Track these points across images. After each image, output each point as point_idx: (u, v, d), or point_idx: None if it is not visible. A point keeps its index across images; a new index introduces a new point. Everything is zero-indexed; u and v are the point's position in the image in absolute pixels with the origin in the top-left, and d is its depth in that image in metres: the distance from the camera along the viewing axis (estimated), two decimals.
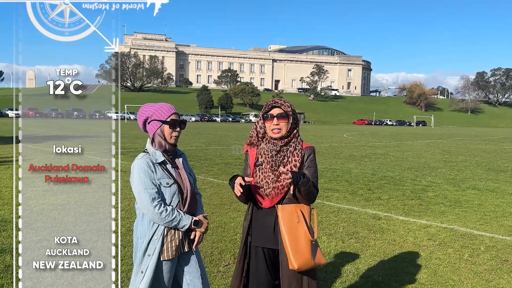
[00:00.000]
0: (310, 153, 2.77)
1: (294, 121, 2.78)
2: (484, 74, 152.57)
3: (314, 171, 2.76)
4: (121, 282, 4.13)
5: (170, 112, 2.72)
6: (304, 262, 2.62)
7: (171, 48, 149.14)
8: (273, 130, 2.74)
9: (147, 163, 2.68)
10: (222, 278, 4.41)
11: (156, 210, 2.60)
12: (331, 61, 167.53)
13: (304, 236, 2.65)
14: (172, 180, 2.70)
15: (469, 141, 33.99)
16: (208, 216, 2.89)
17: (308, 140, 21.66)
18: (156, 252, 2.66)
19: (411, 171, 13.17)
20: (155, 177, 2.67)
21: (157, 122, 2.72)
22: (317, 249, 2.73)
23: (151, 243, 2.69)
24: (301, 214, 2.69)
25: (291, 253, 2.61)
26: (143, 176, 2.65)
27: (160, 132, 2.72)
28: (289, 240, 2.62)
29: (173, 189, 2.70)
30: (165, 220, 2.62)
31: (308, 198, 2.70)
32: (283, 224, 2.65)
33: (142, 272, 2.68)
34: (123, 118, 70.15)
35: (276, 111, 2.74)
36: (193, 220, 2.71)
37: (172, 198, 2.70)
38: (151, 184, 2.64)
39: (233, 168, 12.76)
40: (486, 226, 6.76)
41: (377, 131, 53.05)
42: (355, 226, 6.55)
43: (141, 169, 2.67)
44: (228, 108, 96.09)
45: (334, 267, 4.85)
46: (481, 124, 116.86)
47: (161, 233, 2.68)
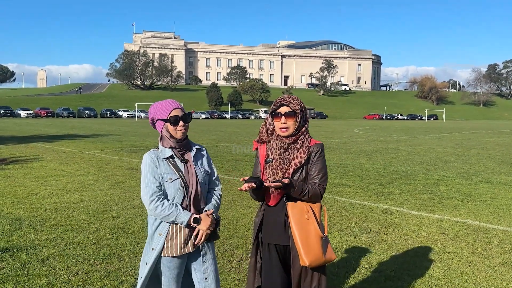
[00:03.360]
0: (318, 150, 2.75)
1: (302, 119, 2.77)
2: (496, 66, 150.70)
3: (320, 168, 2.74)
4: (135, 279, 4.17)
5: (170, 109, 2.74)
6: (315, 258, 2.63)
7: (180, 46, 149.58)
8: (281, 129, 2.74)
9: (151, 158, 2.73)
10: (234, 273, 4.44)
11: (152, 205, 2.65)
12: (341, 55, 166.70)
13: (314, 233, 2.66)
14: (177, 175, 2.72)
15: (482, 134, 33.63)
16: (217, 214, 2.85)
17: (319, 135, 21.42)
18: (158, 247, 2.70)
19: (423, 165, 13.08)
20: (158, 172, 2.70)
21: (161, 121, 2.77)
22: (328, 245, 2.74)
23: (154, 238, 2.74)
24: (311, 210, 2.69)
25: (302, 249, 2.61)
26: (146, 170, 2.71)
27: (166, 131, 2.76)
28: (300, 236, 2.63)
29: (177, 184, 2.71)
30: (160, 215, 2.66)
31: (310, 201, 2.71)
32: (293, 221, 2.66)
33: (146, 264, 2.74)
34: (134, 116, 70.55)
35: (284, 109, 2.73)
36: (193, 218, 2.69)
37: (176, 193, 2.72)
38: (153, 179, 2.68)
39: (244, 165, 12.78)
40: (500, 220, 6.71)
41: (388, 126, 52.71)
42: (367, 221, 6.54)
43: (145, 164, 2.73)
44: (237, 105, 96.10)
45: (346, 262, 4.85)
46: (494, 117, 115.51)
47: (165, 230, 2.71)
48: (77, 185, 9.00)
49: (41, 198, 7.74)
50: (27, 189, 8.51)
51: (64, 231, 5.76)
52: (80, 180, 9.56)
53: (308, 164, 2.74)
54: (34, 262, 4.61)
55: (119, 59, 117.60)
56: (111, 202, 7.50)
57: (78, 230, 5.80)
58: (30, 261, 4.63)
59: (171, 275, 2.74)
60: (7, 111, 65.22)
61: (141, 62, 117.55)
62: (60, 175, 10.26)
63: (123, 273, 4.36)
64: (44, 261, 4.64)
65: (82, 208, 7.08)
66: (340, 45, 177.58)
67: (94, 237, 5.52)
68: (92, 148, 17.02)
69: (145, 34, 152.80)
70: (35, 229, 5.80)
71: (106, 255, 4.85)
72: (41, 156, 14.11)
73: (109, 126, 38.56)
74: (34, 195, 7.95)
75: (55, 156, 14.07)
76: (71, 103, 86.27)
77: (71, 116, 68.39)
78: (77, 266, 4.51)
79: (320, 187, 2.70)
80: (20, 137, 22.77)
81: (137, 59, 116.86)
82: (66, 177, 9.93)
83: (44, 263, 4.58)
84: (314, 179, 2.70)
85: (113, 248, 5.11)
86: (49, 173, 10.47)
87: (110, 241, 5.37)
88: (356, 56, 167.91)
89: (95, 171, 10.88)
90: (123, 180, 9.67)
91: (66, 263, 4.57)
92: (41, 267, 4.48)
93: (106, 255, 4.83)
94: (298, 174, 2.71)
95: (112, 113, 73.85)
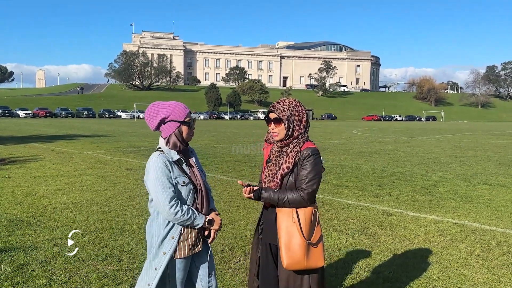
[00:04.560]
0: (307, 154, 2.74)
1: (292, 124, 2.78)
2: (494, 67, 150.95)
3: (307, 172, 2.72)
4: (134, 280, 4.17)
5: (186, 112, 2.74)
6: (293, 261, 2.68)
7: (179, 46, 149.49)
8: (272, 133, 2.84)
9: (163, 162, 2.65)
10: (233, 274, 4.44)
11: (172, 210, 2.60)
12: (340, 57, 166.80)
13: (298, 237, 2.70)
14: (188, 179, 2.73)
15: (480, 135, 33.67)
16: (219, 213, 2.93)
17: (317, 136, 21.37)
18: (171, 250, 2.68)
19: (421, 167, 13.09)
20: (172, 176, 2.66)
21: (175, 123, 2.70)
22: (316, 251, 2.75)
23: (166, 242, 2.69)
24: (296, 214, 2.73)
25: (283, 251, 2.69)
26: (161, 175, 2.63)
27: (178, 133, 2.71)
28: (283, 238, 2.71)
29: (189, 188, 2.72)
30: (179, 220, 2.64)
31: (294, 206, 2.73)
32: (279, 223, 2.74)
33: (156, 269, 2.70)
34: (132, 117, 70.46)
35: (272, 116, 2.82)
36: (207, 220, 2.75)
37: (188, 196, 2.73)
38: (169, 183, 2.63)
39: (243, 165, 12.78)
40: (498, 221, 6.72)
41: (387, 127, 52.75)
42: (365, 223, 6.54)
43: (158, 168, 2.64)
44: (236, 106, 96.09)
45: (344, 263, 4.85)
46: (492, 118, 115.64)
47: (178, 232, 2.70)
48: (76, 186, 8.99)
49: (39, 199, 7.73)
50: (26, 189, 8.50)
51: (62, 231, 5.76)
52: (78, 181, 9.55)
53: (296, 168, 2.78)
54: (33, 262, 4.60)
55: (118, 60, 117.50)
56: (110, 202, 7.50)
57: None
58: (28, 261, 4.62)
59: (181, 276, 2.76)
60: (6, 111, 65.10)
61: (140, 63, 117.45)
62: (58, 175, 10.25)
63: (122, 274, 4.36)
64: (43, 262, 4.63)
65: (81, 208, 7.07)
66: (339, 46, 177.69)
67: (93, 237, 5.52)
68: (91, 149, 17.00)
69: (144, 35, 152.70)
70: (33, 230, 5.79)
71: (105, 255, 4.84)
72: (40, 156, 14.10)
73: (108, 127, 38.53)
74: (32, 196, 7.94)
75: (54, 157, 14.05)
76: (69, 103, 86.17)
77: (70, 116, 68.31)
78: (75, 267, 4.50)
79: (304, 192, 2.71)
80: (19, 137, 22.74)
81: (136, 59, 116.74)
82: (64, 178, 9.92)
83: (43, 264, 4.58)
84: (301, 183, 2.74)
85: (112, 248, 5.11)
86: (47, 174, 10.45)
87: (109, 241, 5.37)
88: (354, 57, 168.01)
89: (94, 172, 10.87)
90: (122, 180, 9.66)
91: (64, 264, 4.57)
92: (40, 267, 4.47)
93: (104, 256, 4.83)
94: (287, 178, 2.77)
95: (110, 114, 73.76)
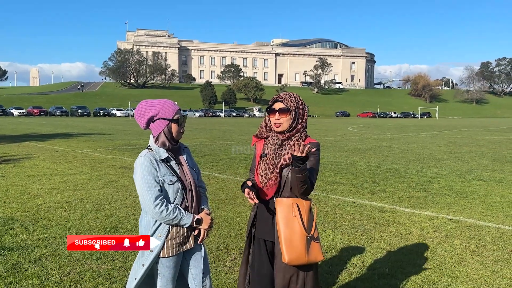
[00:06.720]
0: (312, 148, 2.71)
1: (298, 116, 2.76)
2: (488, 64, 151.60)
3: (312, 165, 2.70)
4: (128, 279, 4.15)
5: (175, 110, 2.69)
6: (296, 256, 2.63)
7: (173, 44, 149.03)
8: (274, 124, 2.75)
9: (150, 161, 2.62)
10: (228, 272, 4.42)
11: (157, 209, 2.57)
12: (335, 54, 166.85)
13: (299, 231, 2.66)
14: (176, 177, 2.68)
15: (474, 132, 33.81)
16: (212, 212, 2.89)
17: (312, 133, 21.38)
18: (157, 248, 2.66)
19: (416, 163, 13.12)
20: (158, 175, 2.62)
21: (164, 120, 2.66)
22: (315, 245, 2.72)
23: (153, 240, 2.69)
24: (297, 208, 2.69)
25: (284, 246, 2.63)
26: (146, 174, 2.60)
27: (167, 131, 2.67)
28: (284, 233, 2.64)
29: (177, 186, 2.68)
30: (165, 219, 2.61)
31: (302, 190, 2.63)
32: (279, 217, 2.67)
33: (143, 265, 2.70)
34: (127, 115, 70.23)
35: (278, 105, 2.74)
36: (195, 219, 2.70)
37: (176, 195, 2.69)
38: (154, 182, 2.60)
39: (238, 163, 12.76)
40: (492, 217, 6.74)
41: (382, 124, 52.86)
42: (361, 219, 6.54)
43: (144, 166, 2.61)
44: (231, 103, 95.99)
45: (340, 260, 4.85)
46: (486, 114, 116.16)
47: (165, 231, 2.67)
48: (70, 184, 8.94)
49: (33, 198, 7.67)
50: (19, 188, 8.44)
51: (56, 230, 5.72)
52: (72, 179, 9.49)
53: None
54: (26, 262, 4.56)
55: (112, 58, 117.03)
56: (104, 201, 7.46)
57: (71, 230, 5.76)
58: (21, 261, 4.59)
59: (170, 274, 2.73)
60: (0, 110, 64.79)
61: (135, 61, 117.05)
62: (52, 174, 10.19)
63: (116, 272, 4.33)
64: (36, 261, 4.60)
65: (75, 207, 7.03)
66: (333, 43, 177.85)
67: None
68: (85, 147, 16.92)
69: (138, 32, 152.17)
70: (27, 229, 5.75)
71: (99, 254, 4.81)
72: (34, 155, 14.01)
73: (102, 125, 38.38)
74: (26, 195, 7.88)
75: (48, 155, 13.97)
76: (64, 101, 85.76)
77: (64, 115, 67.98)
78: (69, 266, 4.47)
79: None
80: (13, 136, 22.60)
81: (131, 57, 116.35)
82: (58, 176, 9.86)
83: (36, 263, 4.54)
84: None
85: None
86: (41, 172, 10.39)
87: None
88: (349, 54, 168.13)
89: (88, 170, 10.81)
90: (116, 179, 9.61)
91: (58, 263, 4.54)
92: (33, 267, 4.44)
93: (98, 255, 4.79)
94: (287, 170, 2.71)
95: (105, 112, 73.47)
